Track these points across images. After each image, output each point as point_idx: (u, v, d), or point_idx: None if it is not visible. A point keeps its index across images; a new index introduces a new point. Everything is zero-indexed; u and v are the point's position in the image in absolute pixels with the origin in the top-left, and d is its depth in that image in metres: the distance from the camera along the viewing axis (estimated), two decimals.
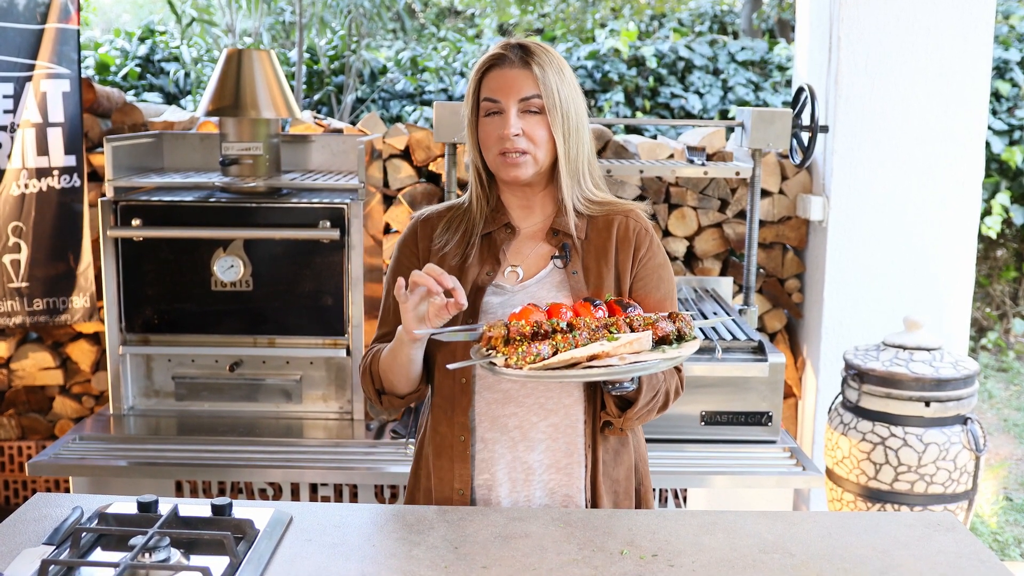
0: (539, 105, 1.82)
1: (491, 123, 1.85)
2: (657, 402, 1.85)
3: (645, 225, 1.95)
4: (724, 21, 8.98)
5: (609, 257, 1.90)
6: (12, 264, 3.47)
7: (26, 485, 3.97)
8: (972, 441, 3.04)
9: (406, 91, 6.70)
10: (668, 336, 1.69)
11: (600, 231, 1.92)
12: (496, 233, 1.94)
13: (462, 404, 1.89)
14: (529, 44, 1.85)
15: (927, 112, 3.60)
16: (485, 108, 1.85)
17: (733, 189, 3.89)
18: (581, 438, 1.89)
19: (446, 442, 1.91)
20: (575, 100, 1.86)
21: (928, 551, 1.69)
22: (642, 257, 1.92)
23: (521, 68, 1.83)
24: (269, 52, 3.22)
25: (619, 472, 1.94)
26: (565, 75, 1.85)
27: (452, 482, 1.90)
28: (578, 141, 1.87)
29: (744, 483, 2.85)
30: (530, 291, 1.88)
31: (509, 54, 1.84)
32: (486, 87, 1.85)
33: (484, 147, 1.88)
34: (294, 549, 1.66)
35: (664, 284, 1.93)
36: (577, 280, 1.88)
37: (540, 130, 1.83)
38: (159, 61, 6.75)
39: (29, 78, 3.43)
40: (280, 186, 3.18)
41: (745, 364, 2.94)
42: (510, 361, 1.61)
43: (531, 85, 1.82)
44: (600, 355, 1.61)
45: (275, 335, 3.13)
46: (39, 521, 1.75)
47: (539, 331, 1.65)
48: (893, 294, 3.68)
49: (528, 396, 1.88)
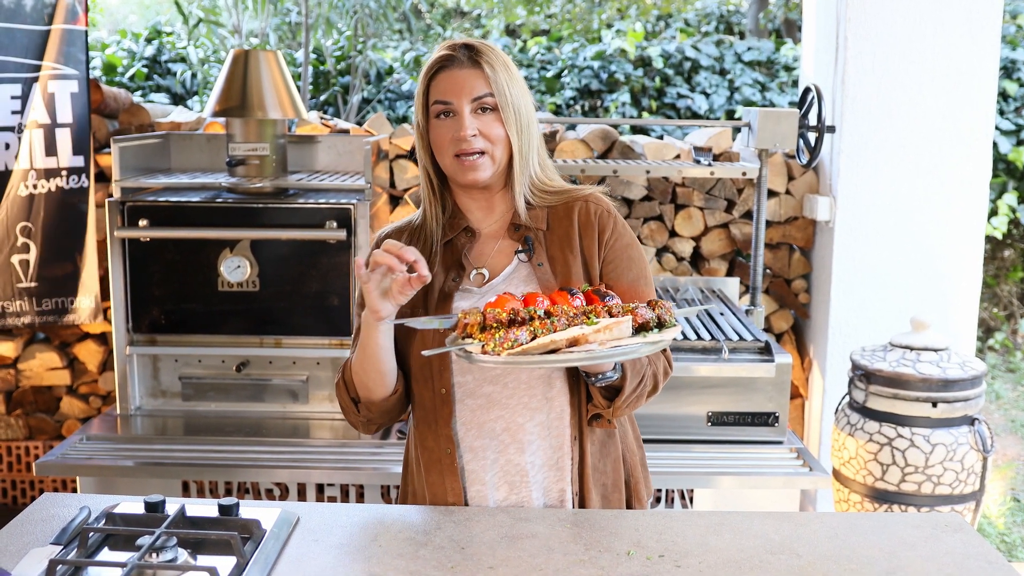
0: (492, 103, 1.80)
1: (443, 125, 1.82)
2: (645, 387, 1.82)
3: (607, 207, 1.92)
4: (730, 21, 8.97)
5: (574, 244, 1.87)
6: (21, 264, 3.48)
7: (33, 485, 3.98)
8: (979, 442, 3.04)
9: (412, 91, 6.70)
10: (648, 323, 1.65)
11: (561, 219, 1.89)
12: (456, 239, 1.91)
13: (444, 415, 1.85)
14: (475, 43, 1.84)
15: (934, 112, 3.59)
16: (436, 111, 1.82)
17: (740, 189, 3.89)
18: (567, 430, 1.86)
19: (434, 456, 1.87)
20: (524, 96, 1.85)
21: (935, 552, 1.68)
22: (608, 240, 1.89)
23: (471, 68, 1.81)
24: (276, 53, 3.22)
25: (606, 464, 1.91)
26: (512, 72, 1.84)
27: (445, 496, 1.87)
28: (529, 136, 1.86)
29: (751, 484, 2.85)
30: (498, 289, 1.84)
31: (457, 55, 1.82)
32: (436, 89, 1.82)
33: (437, 151, 1.85)
34: (301, 549, 1.66)
35: (635, 264, 1.90)
36: (544, 271, 1.85)
37: (496, 128, 1.81)
38: (166, 62, 6.76)
39: (36, 79, 3.44)
40: (287, 186, 3.19)
41: (751, 364, 2.94)
42: (487, 348, 1.57)
43: (483, 84, 1.80)
44: (579, 339, 1.57)
45: (281, 335, 3.13)
46: (47, 521, 1.76)
47: (516, 319, 1.62)
48: (900, 294, 3.67)
49: (511, 397, 1.85)
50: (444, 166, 1.85)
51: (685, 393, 2.96)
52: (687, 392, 2.96)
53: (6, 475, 3.97)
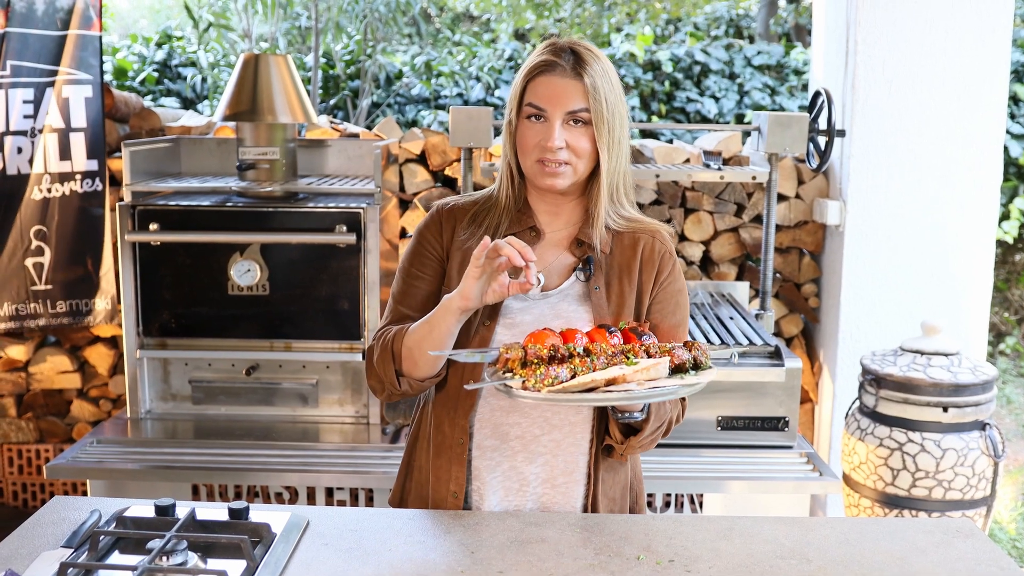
0: (586, 118, 1.77)
1: (532, 128, 1.79)
2: (660, 432, 1.83)
3: (670, 248, 1.91)
4: (740, 25, 8.97)
5: (633, 276, 1.86)
6: (35, 267, 3.51)
7: (44, 488, 4.00)
8: (990, 447, 3.02)
9: (422, 96, 6.71)
10: (684, 364, 1.67)
11: (625, 248, 1.87)
12: (521, 235, 1.88)
13: (465, 406, 1.85)
14: (580, 50, 1.79)
15: (944, 116, 3.58)
16: (528, 112, 1.78)
17: (749, 193, 3.88)
18: (584, 456, 1.87)
19: (447, 442, 1.87)
20: (620, 110, 1.80)
21: (947, 558, 1.68)
22: (663, 281, 1.88)
23: (572, 78, 1.76)
24: (286, 57, 3.23)
25: (615, 491, 1.92)
26: (613, 83, 1.79)
27: (448, 483, 1.87)
28: (619, 153, 1.82)
29: (761, 488, 2.84)
30: (551, 301, 1.84)
31: (560, 61, 1.77)
32: (533, 92, 1.78)
33: (522, 150, 1.82)
34: (311, 553, 1.66)
35: (680, 310, 1.90)
36: (599, 296, 1.84)
37: (584, 142, 1.78)
38: (176, 66, 6.79)
39: (51, 84, 3.46)
40: (296, 191, 3.19)
41: (762, 369, 2.94)
42: (528, 383, 1.58)
43: (580, 97, 1.76)
44: (618, 379, 1.59)
45: (291, 339, 3.14)
46: (57, 524, 1.76)
47: (556, 355, 1.62)
48: (910, 299, 3.66)
49: (534, 408, 1.85)
50: (525, 166, 1.83)
51: (695, 397, 2.93)
52: (697, 396, 2.95)
53: (17, 478, 3.99)
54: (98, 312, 3.64)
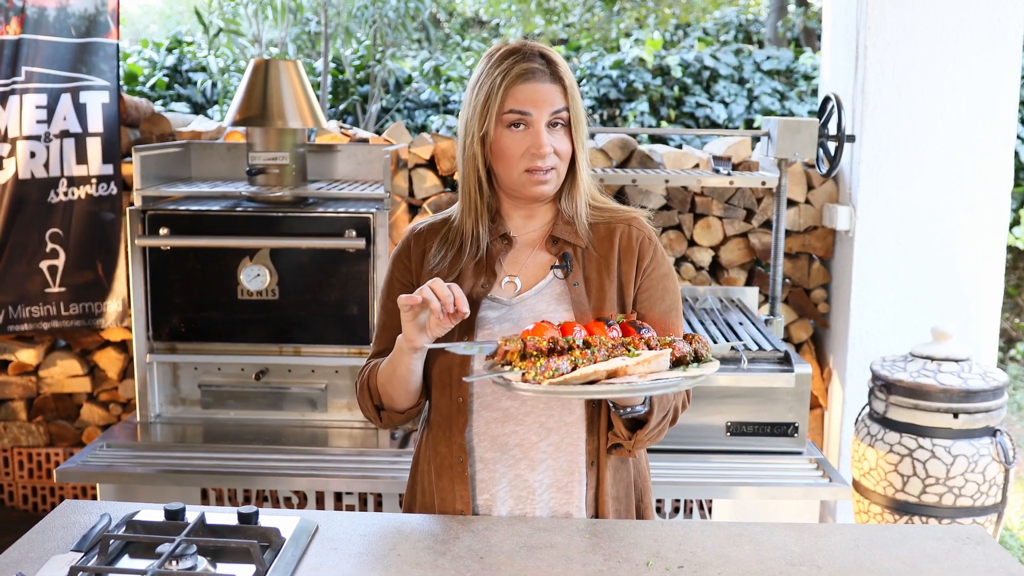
0: (565, 118, 1.80)
1: (515, 136, 1.79)
2: (667, 421, 1.82)
3: (648, 233, 1.89)
4: (749, 30, 8.96)
5: (612, 268, 1.85)
6: (49, 270, 3.54)
7: (54, 492, 4.01)
8: (1001, 453, 3.01)
9: (431, 100, 6.73)
10: (685, 357, 1.66)
11: (602, 240, 1.87)
12: (492, 244, 1.88)
13: (459, 424, 1.84)
14: (549, 54, 1.82)
15: (955, 121, 3.57)
16: (511, 120, 1.78)
17: (759, 199, 3.87)
18: (582, 457, 1.85)
19: (445, 463, 1.87)
20: (583, 108, 1.86)
21: (957, 564, 1.67)
22: (646, 268, 1.86)
23: (551, 82, 1.79)
24: (295, 62, 3.24)
25: (620, 489, 1.91)
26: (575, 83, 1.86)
27: (454, 503, 1.86)
28: (586, 149, 1.86)
29: (770, 494, 2.83)
30: (528, 303, 1.83)
31: (537, 66, 1.79)
32: (515, 99, 1.77)
33: (505, 161, 1.80)
34: (320, 558, 1.66)
35: (669, 295, 1.88)
36: (578, 292, 1.83)
37: (565, 143, 1.81)
38: (186, 71, 6.81)
39: (65, 90, 3.49)
40: (306, 195, 3.20)
41: (771, 374, 2.93)
42: (528, 376, 1.57)
43: (560, 99, 1.79)
44: (619, 371, 1.58)
45: (301, 344, 3.14)
46: (67, 528, 1.77)
47: (555, 347, 1.62)
48: (921, 304, 3.64)
49: (528, 415, 1.84)
50: (509, 177, 1.82)
51: (704, 403, 2.95)
52: (706, 402, 2.95)
53: (27, 482, 4.00)
54: (109, 315, 3.66)
